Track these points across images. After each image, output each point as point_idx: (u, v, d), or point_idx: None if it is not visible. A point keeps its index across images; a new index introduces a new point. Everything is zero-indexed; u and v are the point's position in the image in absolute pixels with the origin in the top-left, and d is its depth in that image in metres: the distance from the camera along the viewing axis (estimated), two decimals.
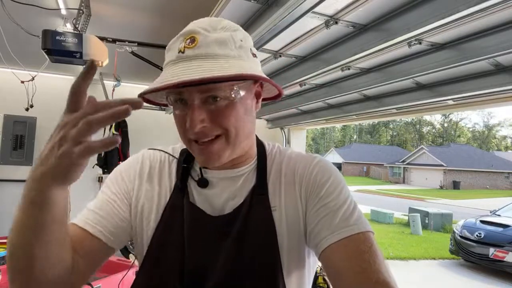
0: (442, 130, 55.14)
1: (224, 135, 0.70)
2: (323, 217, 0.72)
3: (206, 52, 0.66)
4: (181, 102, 0.69)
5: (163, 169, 0.84)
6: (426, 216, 11.45)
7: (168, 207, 0.77)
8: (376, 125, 56.50)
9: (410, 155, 36.54)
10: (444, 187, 31.27)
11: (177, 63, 0.67)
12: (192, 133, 0.69)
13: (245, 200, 0.76)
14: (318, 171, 0.77)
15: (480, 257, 6.92)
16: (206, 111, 0.68)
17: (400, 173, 37.36)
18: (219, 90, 0.67)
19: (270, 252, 0.72)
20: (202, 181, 0.78)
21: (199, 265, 0.73)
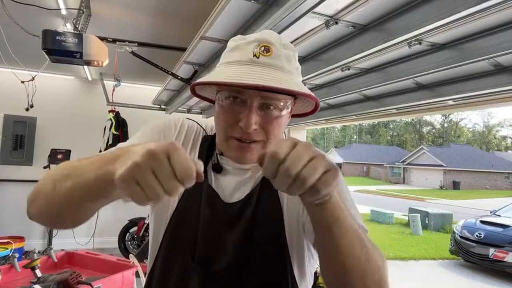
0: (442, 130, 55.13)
1: (262, 142, 0.75)
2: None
3: (278, 65, 0.72)
4: (234, 100, 0.73)
5: (196, 141, 0.87)
6: (426, 216, 11.45)
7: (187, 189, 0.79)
8: (376, 125, 56.46)
9: (410, 155, 36.52)
10: (444, 187, 31.25)
11: (250, 65, 0.71)
12: (240, 132, 0.73)
13: (254, 189, 0.80)
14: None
15: (480, 257, 6.91)
16: (259, 116, 0.73)
17: (400, 173, 37.34)
18: (276, 101, 0.73)
19: (278, 240, 0.76)
20: (217, 166, 0.83)
21: (211, 246, 0.77)
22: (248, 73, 0.69)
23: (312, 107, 0.86)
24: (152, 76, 4.41)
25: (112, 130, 3.94)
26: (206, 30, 1.95)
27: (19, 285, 1.87)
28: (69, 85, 4.98)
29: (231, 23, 1.86)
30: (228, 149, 0.78)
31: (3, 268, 1.95)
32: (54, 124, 4.80)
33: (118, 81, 3.51)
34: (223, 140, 0.78)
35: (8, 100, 4.44)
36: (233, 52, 0.76)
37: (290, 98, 0.76)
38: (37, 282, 1.73)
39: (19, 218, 4.60)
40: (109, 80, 4.32)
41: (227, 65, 0.75)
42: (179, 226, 0.80)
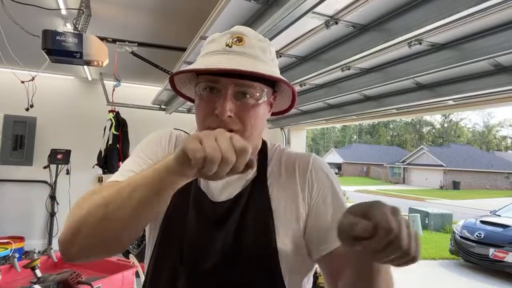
0: (442, 130, 55.11)
1: (240, 132, 0.73)
2: (325, 222, 0.78)
3: (251, 53, 0.74)
4: (210, 91, 0.75)
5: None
6: (426, 216, 11.45)
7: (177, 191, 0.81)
8: (376, 125, 56.43)
9: (410, 155, 36.51)
10: (444, 187, 31.24)
11: (223, 54, 0.74)
12: (216, 121, 0.73)
13: (245, 189, 0.81)
14: (321, 170, 0.84)
15: (480, 257, 6.91)
16: (235, 104, 0.73)
17: (400, 173, 37.33)
18: (251, 89, 0.74)
19: (267, 241, 0.76)
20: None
21: (197, 247, 0.77)
22: (220, 61, 0.72)
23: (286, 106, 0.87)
24: (152, 76, 4.41)
25: (112, 130, 3.94)
26: (206, 30, 1.95)
27: (19, 285, 1.87)
28: (69, 85, 4.97)
29: (231, 23, 1.86)
30: None
31: (3, 268, 1.95)
32: (54, 124, 4.80)
33: (118, 81, 3.51)
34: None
35: (8, 100, 4.44)
36: (209, 45, 0.79)
37: (266, 87, 0.77)
38: (37, 282, 1.74)
39: (19, 218, 4.61)
40: (109, 80, 4.31)
41: (205, 56, 0.77)
42: (169, 228, 0.80)
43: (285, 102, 0.88)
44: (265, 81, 0.76)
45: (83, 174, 4.84)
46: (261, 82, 0.75)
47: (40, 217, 4.74)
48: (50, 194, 4.61)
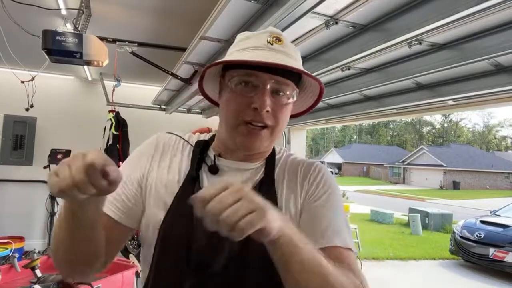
0: (442, 130, 55.09)
1: (271, 127, 0.78)
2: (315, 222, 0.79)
3: (290, 53, 0.78)
4: (245, 85, 0.76)
5: (176, 152, 0.88)
6: (426, 216, 11.45)
7: (179, 193, 0.81)
8: (376, 125, 56.42)
9: (410, 155, 36.50)
10: (444, 187, 31.23)
11: (266, 50, 0.75)
12: (252, 115, 0.75)
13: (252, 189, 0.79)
14: (322, 175, 0.85)
15: (480, 257, 6.91)
16: (271, 100, 0.76)
17: (400, 173, 37.32)
18: (286, 87, 0.77)
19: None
20: (214, 168, 0.83)
21: (206, 250, 0.75)
22: (265, 56, 0.74)
23: (308, 105, 0.89)
24: (152, 76, 4.41)
25: (112, 130, 3.94)
26: (206, 30, 1.95)
27: (19, 285, 1.87)
28: (69, 85, 4.97)
29: (231, 23, 1.86)
30: (238, 135, 0.78)
31: (3, 268, 1.95)
32: (54, 124, 4.80)
33: (118, 81, 3.51)
34: (233, 126, 0.78)
35: (8, 100, 4.44)
36: (247, 41, 0.79)
37: (295, 88, 0.79)
38: (37, 282, 1.74)
39: (19, 218, 4.61)
40: (109, 80, 4.31)
41: (242, 51, 0.78)
42: (171, 231, 0.78)
43: (302, 105, 0.90)
44: (295, 82, 0.79)
45: None
46: (294, 82, 0.78)
47: (40, 217, 4.74)
48: (50, 194, 4.61)
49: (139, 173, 0.85)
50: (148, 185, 0.84)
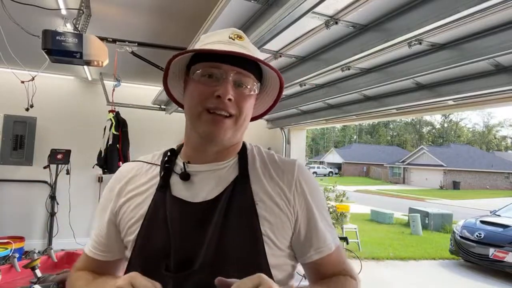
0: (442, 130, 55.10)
1: (235, 117, 0.79)
2: (312, 232, 0.82)
3: (249, 48, 0.81)
4: (209, 77, 0.78)
5: (141, 177, 0.88)
6: (426, 216, 11.44)
7: (151, 206, 0.82)
8: (376, 125, 56.40)
9: (410, 155, 36.49)
10: (444, 187, 31.21)
11: (227, 44, 0.79)
12: (215, 102, 0.76)
13: (227, 188, 0.81)
14: (306, 176, 0.86)
15: (480, 257, 6.90)
16: (234, 91, 0.78)
17: (400, 173, 37.32)
18: (247, 79, 0.79)
19: (252, 236, 0.76)
20: (185, 174, 0.83)
21: (184, 251, 0.76)
22: (228, 48, 0.77)
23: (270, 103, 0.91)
24: (152, 76, 4.41)
25: (112, 130, 3.94)
26: (206, 30, 1.95)
27: (19, 285, 1.87)
28: (69, 85, 4.97)
29: (231, 23, 1.86)
30: (201, 124, 0.79)
31: (3, 268, 1.95)
32: (54, 124, 4.80)
33: (118, 81, 3.51)
34: (195, 115, 0.80)
35: (8, 100, 4.44)
36: (210, 37, 0.83)
37: (256, 81, 0.82)
38: (37, 282, 1.73)
39: (19, 218, 4.61)
40: (109, 80, 4.31)
41: (205, 45, 0.81)
42: (146, 243, 0.79)
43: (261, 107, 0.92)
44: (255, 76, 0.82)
45: (83, 174, 4.84)
46: (254, 75, 0.81)
47: (40, 217, 4.74)
48: (50, 194, 4.61)
49: (108, 213, 0.88)
50: (121, 216, 0.86)
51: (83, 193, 4.91)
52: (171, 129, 5.42)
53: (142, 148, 5.75)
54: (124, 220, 0.85)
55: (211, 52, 0.77)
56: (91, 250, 0.91)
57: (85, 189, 4.94)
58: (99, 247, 0.89)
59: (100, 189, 4.98)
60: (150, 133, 5.24)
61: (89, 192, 4.99)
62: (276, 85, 0.86)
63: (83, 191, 4.90)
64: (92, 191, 5.00)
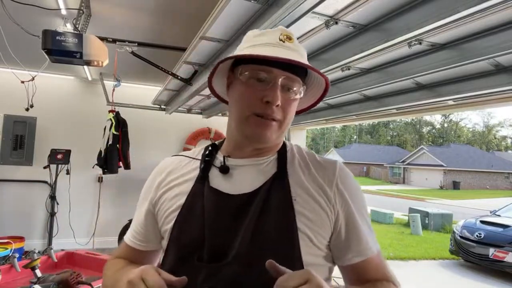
0: (442, 130, 55.09)
1: (280, 122, 0.80)
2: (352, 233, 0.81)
3: (299, 51, 0.81)
4: (257, 80, 0.78)
5: (182, 170, 0.89)
6: (426, 216, 11.43)
7: (189, 196, 0.83)
8: (376, 125, 56.38)
9: (410, 155, 36.48)
10: (444, 187, 31.21)
11: (278, 47, 0.78)
12: (263, 108, 0.77)
13: (265, 182, 0.81)
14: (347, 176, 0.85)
15: (480, 257, 6.90)
16: (281, 95, 0.78)
17: (400, 173, 37.31)
18: (295, 83, 0.79)
19: (289, 233, 0.75)
20: (224, 167, 0.84)
21: (218, 242, 0.76)
22: (278, 52, 0.76)
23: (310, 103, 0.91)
24: (152, 76, 4.41)
25: (112, 130, 3.94)
26: (206, 30, 1.95)
27: (19, 285, 1.87)
28: (69, 85, 4.97)
29: (231, 23, 1.86)
30: (248, 126, 0.79)
31: (3, 268, 1.95)
32: (54, 124, 4.80)
33: (118, 81, 3.51)
34: (243, 118, 0.80)
35: (8, 100, 4.44)
36: (259, 37, 0.82)
37: (302, 84, 0.82)
38: (37, 282, 1.73)
39: (19, 218, 4.61)
40: (109, 80, 4.32)
41: (255, 47, 0.80)
42: (182, 231, 0.80)
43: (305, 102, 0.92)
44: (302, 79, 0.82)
45: (83, 174, 4.84)
46: (301, 79, 0.81)
47: (40, 217, 4.74)
48: (50, 194, 4.61)
49: (147, 203, 0.90)
50: (159, 206, 0.88)
51: (83, 193, 4.91)
52: (171, 129, 5.42)
53: (142, 148, 5.77)
54: (162, 210, 0.86)
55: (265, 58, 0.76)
56: (129, 239, 0.93)
57: (85, 189, 4.94)
58: (137, 236, 0.92)
59: (100, 189, 4.99)
60: (150, 133, 5.24)
61: (89, 192, 4.99)
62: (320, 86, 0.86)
63: (83, 191, 4.90)
64: (92, 191, 5.00)
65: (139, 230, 0.91)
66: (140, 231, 0.91)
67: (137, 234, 0.92)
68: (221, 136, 5.67)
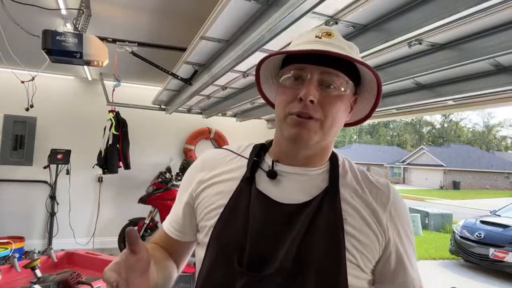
0: (442, 130, 55.07)
1: (320, 121, 0.74)
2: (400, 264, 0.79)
3: (339, 45, 0.75)
4: (295, 79, 0.75)
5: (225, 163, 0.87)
6: (426, 216, 11.43)
7: (233, 195, 0.80)
8: (376, 125, 56.38)
9: (410, 155, 36.48)
10: (444, 187, 31.20)
11: (312, 43, 0.75)
12: (298, 106, 0.73)
13: (316, 196, 0.77)
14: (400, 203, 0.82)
15: (480, 258, 6.89)
16: (319, 92, 0.73)
17: (400, 173, 37.32)
18: (335, 78, 0.74)
19: (335, 252, 0.72)
20: (272, 172, 0.80)
21: (260, 249, 0.73)
22: (310, 47, 0.73)
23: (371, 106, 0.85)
24: (152, 76, 4.41)
25: (112, 130, 3.94)
26: (206, 30, 1.95)
27: (19, 285, 1.87)
28: (69, 85, 4.97)
29: (231, 23, 1.86)
30: (286, 127, 0.76)
31: (3, 268, 1.95)
32: (54, 124, 4.80)
33: (118, 81, 3.51)
34: (282, 119, 0.77)
35: (8, 100, 4.44)
36: (298, 39, 0.81)
37: (349, 80, 0.76)
38: (37, 282, 1.73)
39: (19, 218, 4.61)
40: (109, 80, 4.31)
41: (294, 47, 0.78)
42: (224, 230, 0.77)
43: (364, 110, 0.85)
44: (349, 75, 0.76)
45: (83, 174, 4.84)
46: (345, 74, 0.75)
47: (40, 217, 4.74)
48: (50, 194, 4.61)
49: (187, 195, 0.88)
50: (200, 200, 0.85)
51: (83, 193, 4.91)
52: (171, 129, 5.42)
53: (142, 148, 5.78)
54: (203, 205, 0.83)
55: (285, 53, 0.75)
56: (167, 227, 0.93)
57: (85, 189, 4.93)
58: (175, 226, 0.91)
59: (100, 189, 4.99)
60: (150, 133, 5.24)
61: (89, 192, 4.98)
62: (373, 85, 0.79)
63: (83, 191, 4.90)
64: (92, 191, 5.00)
65: (177, 221, 0.91)
66: (178, 221, 0.90)
67: (175, 224, 0.91)
68: (221, 136, 5.67)
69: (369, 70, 0.74)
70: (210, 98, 3.95)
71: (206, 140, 5.62)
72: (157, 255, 0.86)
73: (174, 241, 0.91)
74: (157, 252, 0.88)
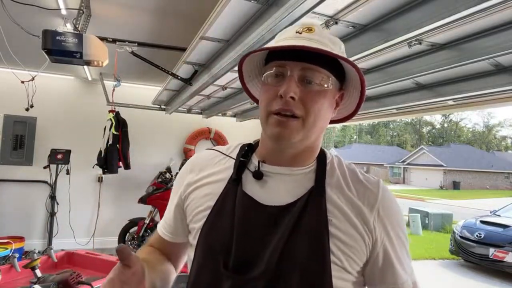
0: (442, 130, 55.07)
1: (302, 118, 0.73)
2: (389, 265, 0.77)
3: (320, 40, 0.74)
4: (276, 76, 0.75)
5: (214, 164, 0.87)
6: (426, 216, 11.43)
7: (220, 197, 0.80)
8: (376, 125, 56.38)
9: (410, 155, 36.48)
10: (444, 187, 31.20)
11: (292, 39, 0.75)
12: (279, 103, 0.72)
13: (301, 197, 0.76)
14: (390, 200, 0.80)
15: (480, 258, 6.89)
16: (300, 89, 0.72)
17: (400, 173, 37.32)
18: (317, 74, 0.73)
19: (320, 254, 0.71)
20: (258, 173, 0.80)
21: (245, 252, 0.73)
22: (290, 43, 0.73)
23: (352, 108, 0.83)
24: (152, 76, 4.41)
25: (112, 130, 3.94)
26: (206, 30, 1.95)
27: (19, 285, 1.87)
28: (69, 85, 4.97)
29: (231, 23, 1.86)
30: (268, 127, 0.75)
31: (3, 268, 1.95)
32: (54, 124, 4.80)
33: (118, 81, 3.51)
34: (264, 119, 0.76)
35: (8, 100, 4.44)
36: (279, 36, 0.80)
37: (332, 76, 0.75)
38: (37, 282, 1.73)
39: (19, 218, 4.61)
40: (109, 80, 4.32)
41: (274, 43, 0.78)
42: (211, 232, 0.77)
43: (350, 107, 0.83)
44: (332, 71, 0.75)
45: (83, 174, 4.84)
46: (328, 69, 0.74)
47: (40, 217, 4.74)
48: (50, 194, 4.61)
49: (177, 198, 0.89)
50: (189, 202, 0.86)
51: (83, 193, 4.91)
52: (171, 129, 5.42)
53: (142, 148, 5.78)
54: (192, 207, 0.84)
55: (262, 50, 0.75)
56: (161, 229, 0.94)
57: (85, 189, 4.94)
58: (167, 228, 0.92)
59: (100, 189, 4.99)
60: (150, 133, 5.24)
61: (89, 192, 4.99)
62: (358, 82, 0.76)
63: (83, 191, 4.90)
64: (92, 191, 5.00)
65: (169, 223, 0.91)
66: (170, 224, 0.91)
67: (167, 226, 0.92)
68: (221, 136, 5.67)
69: (351, 66, 0.73)
70: (210, 98, 3.95)
71: (206, 140, 5.62)
72: (152, 259, 0.87)
73: (168, 243, 0.92)
74: (153, 256, 0.89)
